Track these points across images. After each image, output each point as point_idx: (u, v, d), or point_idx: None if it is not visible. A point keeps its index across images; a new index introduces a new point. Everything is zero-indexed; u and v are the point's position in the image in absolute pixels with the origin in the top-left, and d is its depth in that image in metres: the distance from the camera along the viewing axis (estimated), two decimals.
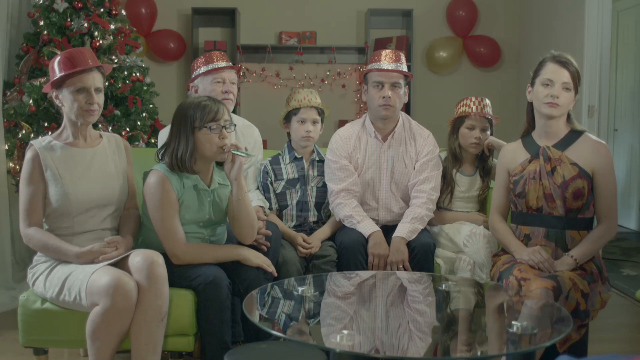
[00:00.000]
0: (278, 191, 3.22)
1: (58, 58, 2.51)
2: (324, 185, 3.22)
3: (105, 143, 2.67)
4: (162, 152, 2.63)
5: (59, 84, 2.50)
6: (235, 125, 2.67)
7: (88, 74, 2.49)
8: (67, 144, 2.57)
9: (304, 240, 3.07)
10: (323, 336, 2.02)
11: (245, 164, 3.20)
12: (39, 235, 2.47)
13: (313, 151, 3.29)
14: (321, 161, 3.27)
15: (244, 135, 3.25)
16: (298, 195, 3.21)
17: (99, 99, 2.54)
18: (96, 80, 2.52)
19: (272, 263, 2.74)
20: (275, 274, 2.67)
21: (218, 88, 3.09)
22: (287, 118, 3.25)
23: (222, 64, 3.12)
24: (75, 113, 2.50)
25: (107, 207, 2.57)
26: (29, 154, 2.51)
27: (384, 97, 3.06)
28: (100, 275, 2.31)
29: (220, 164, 2.71)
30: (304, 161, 3.25)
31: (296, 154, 3.25)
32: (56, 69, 2.50)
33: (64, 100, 2.51)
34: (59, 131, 2.61)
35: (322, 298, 2.42)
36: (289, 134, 3.30)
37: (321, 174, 3.24)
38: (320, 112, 3.23)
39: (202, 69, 3.12)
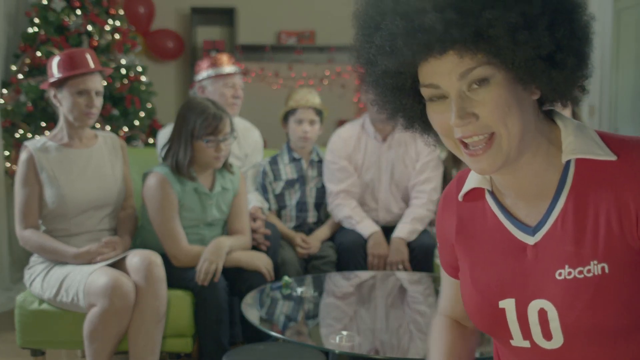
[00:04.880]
0: (277, 192, 3.20)
1: (58, 58, 2.49)
2: (324, 185, 3.20)
3: (102, 143, 2.65)
4: (165, 151, 2.63)
5: (59, 84, 2.48)
6: (234, 134, 2.66)
7: (90, 76, 2.49)
8: (63, 144, 2.55)
9: (303, 241, 3.06)
10: (322, 337, 2.01)
11: (244, 167, 3.19)
12: (35, 238, 2.45)
13: (312, 151, 3.27)
14: (320, 161, 3.25)
15: (245, 137, 3.25)
16: (297, 196, 3.19)
17: (99, 102, 2.53)
18: (97, 83, 2.52)
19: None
20: (272, 279, 2.64)
21: (228, 92, 3.12)
22: (286, 118, 3.24)
23: (232, 69, 3.16)
24: (74, 115, 2.49)
25: (104, 207, 2.55)
26: (23, 156, 2.49)
27: None
28: (98, 276, 2.29)
29: (221, 169, 2.70)
30: (303, 161, 3.24)
31: (295, 155, 3.23)
32: (55, 67, 2.48)
33: (63, 101, 2.49)
34: (54, 132, 2.59)
35: (322, 299, 2.41)
36: (287, 134, 3.29)
37: (320, 174, 3.23)
38: (318, 112, 3.21)
39: (212, 72, 3.14)
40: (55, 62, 2.49)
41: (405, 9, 0.89)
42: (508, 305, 1.00)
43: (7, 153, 3.94)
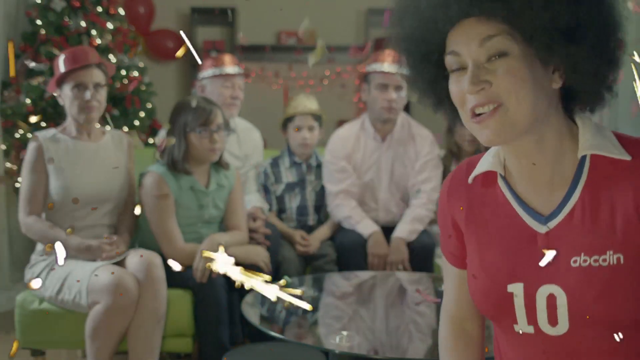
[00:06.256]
0: (277, 194, 3.20)
1: (62, 56, 2.51)
2: (323, 188, 3.20)
3: (109, 139, 2.67)
4: (161, 150, 2.66)
5: (60, 82, 2.50)
6: (229, 128, 2.68)
7: (86, 70, 2.50)
8: (72, 137, 2.57)
9: (302, 238, 3.06)
10: (322, 337, 2.01)
11: (244, 168, 3.20)
12: (38, 225, 2.46)
13: (311, 156, 3.27)
14: (319, 166, 3.25)
15: (245, 138, 3.25)
16: (297, 200, 3.19)
17: (99, 95, 2.54)
18: (95, 76, 2.52)
19: (271, 263, 2.73)
20: (270, 271, 2.66)
21: (226, 92, 3.12)
22: (285, 124, 3.24)
23: (234, 69, 3.15)
24: (75, 110, 2.51)
25: (106, 202, 2.56)
26: (32, 144, 2.51)
27: (388, 100, 3.04)
28: (101, 273, 2.31)
29: (216, 166, 2.71)
30: (304, 165, 3.23)
31: (296, 159, 3.23)
32: (59, 66, 2.50)
33: (65, 98, 2.52)
34: (64, 125, 2.61)
35: (322, 299, 2.41)
36: (287, 139, 3.30)
37: (319, 178, 3.23)
38: (317, 117, 3.21)
39: (212, 72, 3.14)
40: (59, 61, 2.52)
41: None
42: (516, 289, 1.02)
43: (7, 153, 3.94)
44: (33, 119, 3.01)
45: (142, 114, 4.15)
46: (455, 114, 1.04)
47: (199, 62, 2.28)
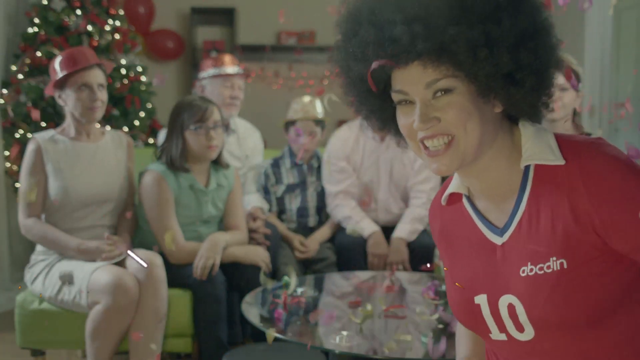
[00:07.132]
0: (278, 195, 3.20)
1: (59, 58, 2.50)
2: (323, 189, 3.20)
3: (109, 139, 2.67)
4: (160, 150, 2.67)
5: (61, 84, 2.50)
6: (227, 127, 2.68)
7: (89, 71, 2.50)
8: (70, 138, 2.57)
9: (301, 244, 3.05)
10: (322, 337, 2.00)
11: (243, 169, 3.19)
12: (38, 226, 2.46)
13: (312, 156, 3.26)
14: (320, 167, 3.24)
15: (246, 138, 3.25)
16: (298, 201, 3.19)
17: (102, 95, 2.54)
18: (97, 76, 2.52)
19: (271, 263, 2.74)
20: (269, 271, 2.66)
21: (226, 92, 3.12)
22: (287, 125, 3.24)
23: (234, 69, 3.16)
24: (79, 111, 2.50)
25: (106, 203, 2.56)
26: (30, 146, 2.51)
27: None
28: (101, 274, 2.31)
29: (216, 165, 2.72)
30: (305, 167, 3.23)
31: (297, 160, 3.23)
32: (57, 69, 2.49)
33: (67, 100, 2.51)
34: (62, 126, 2.61)
35: (322, 299, 2.41)
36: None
37: (319, 178, 3.22)
38: (319, 121, 3.20)
39: (212, 72, 3.14)
40: (56, 63, 2.51)
41: (378, 20, 0.96)
42: (481, 300, 1.06)
43: (7, 153, 3.94)
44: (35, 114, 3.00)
45: (142, 114, 4.15)
46: (401, 136, 1.07)
47: None
